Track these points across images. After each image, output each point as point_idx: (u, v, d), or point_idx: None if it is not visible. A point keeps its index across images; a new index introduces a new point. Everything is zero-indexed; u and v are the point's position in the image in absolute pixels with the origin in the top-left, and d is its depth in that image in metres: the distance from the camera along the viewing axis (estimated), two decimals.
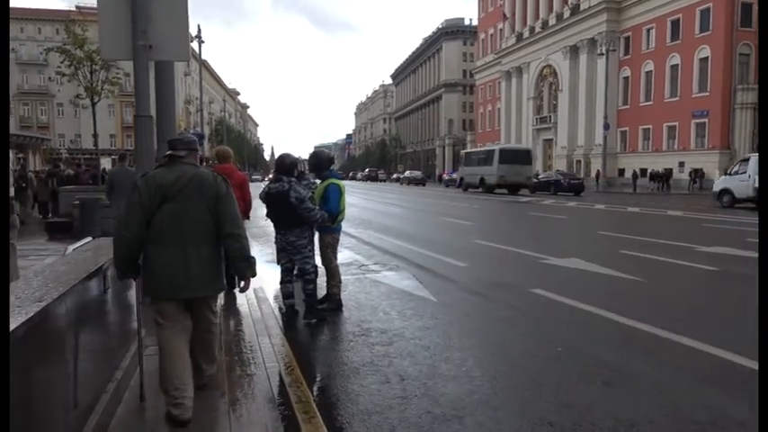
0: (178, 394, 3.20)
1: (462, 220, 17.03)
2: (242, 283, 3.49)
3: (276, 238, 5.85)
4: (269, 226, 16.15)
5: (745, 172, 20.91)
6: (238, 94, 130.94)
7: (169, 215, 3.21)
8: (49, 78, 27.27)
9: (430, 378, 4.12)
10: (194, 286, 3.28)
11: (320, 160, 6.24)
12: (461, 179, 42.09)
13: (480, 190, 36.66)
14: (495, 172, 35.22)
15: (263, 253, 10.72)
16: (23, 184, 14.90)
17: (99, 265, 3.25)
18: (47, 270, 3.04)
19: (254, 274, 3.47)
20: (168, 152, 3.43)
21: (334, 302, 6.20)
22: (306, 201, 5.49)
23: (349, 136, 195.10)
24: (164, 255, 3.20)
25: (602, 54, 42.35)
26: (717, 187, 23.09)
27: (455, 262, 9.09)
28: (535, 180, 36.45)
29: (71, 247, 4.17)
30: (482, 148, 46.78)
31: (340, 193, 6.13)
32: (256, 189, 33.90)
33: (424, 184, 58.63)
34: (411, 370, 4.30)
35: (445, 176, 54.07)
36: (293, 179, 5.60)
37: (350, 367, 4.41)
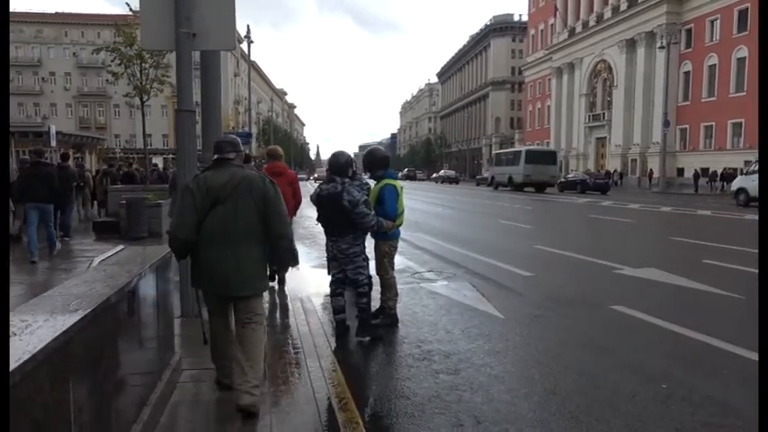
0: (221, 365, 3.64)
1: (518, 222, 16.13)
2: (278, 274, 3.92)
3: (327, 245, 5.27)
4: (316, 227, 15.64)
5: (748, 173, 23.15)
6: (285, 94, 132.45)
7: (221, 217, 3.30)
8: (107, 80, 27.79)
9: (512, 422, 3.43)
10: (242, 286, 3.39)
11: (374, 159, 5.63)
12: (492, 177, 44.59)
13: (509, 188, 39.06)
14: (521, 171, 37.58)
15: (310, 257, 10.20)
16: (81, 183, 14.96)
17: (121, 285, 2.70)
18: (58, 295, 2.51)
19: (297, 263, 4.00)
20: (216, 155, 3.49)
21: (389, 317, 5.57)
22: (359, 204, 4.89)
23: (394, 135, 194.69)
24: (214, 255, 3.30)
25: (663, 47, 40.30)
26: (734, 186, 24.34)
27: (518, 271, 8.32)
28: (563, 179, 39.03)
29: (98, 259, 3.69)
30: (510, 150, 49.52)
31: (397, 194, 5.51)
32: (302, 187, 33.55)
33: (457, 183, 62.53)
34: (486, 409, 3.61)
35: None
36: (347, 180, 5.00)
37: (413, 402, 3.76)
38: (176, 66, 5.15)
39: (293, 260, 3.70)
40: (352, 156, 5.45)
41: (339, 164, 5.06)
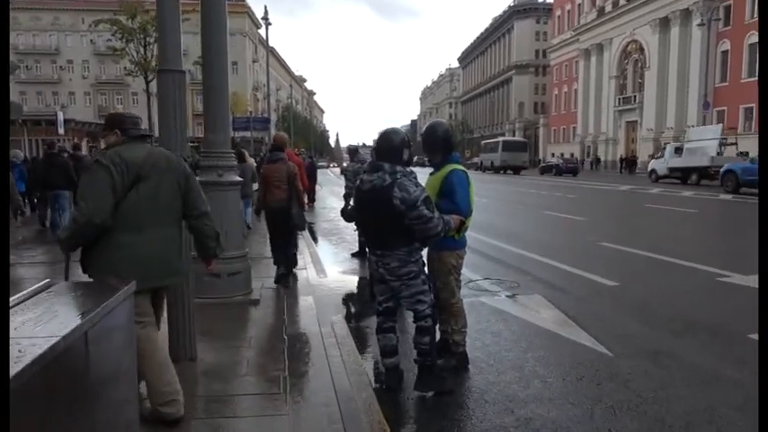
0: (171, 389, 2.97)
1: (566, 213, 14.41)
2: (210, 266, 3.37)
3: (370, 259, 3.77)
4: (341, 221, 14.20)
5: (662, 156, 30.85)
6: (305, 81, 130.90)
7: (146, 196, 2.92)
8: (124, 68, 26.47)
9: None
10: (172, 272, 3.09)
11: (436, 138, 4.07)
12: (481, 162, 54.40)
13: (491, 171, 48.94)
14: (499, 157, 48.49)
15: (337, 259, 8.72)
16: None
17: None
18: None
19: (222, 250, 3.36)
20: (128, 128, 3.01)
21: (455, 357, 4.07)
22: (419, 205, 3.35)
23: (414, 121, 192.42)
24: (140, 241, 2.90)
25: (703, 24, 37.93)
26: (648, 168, 32.81)
27: (597, 278, 6.75)
28: (543, 164, 49.58)
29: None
30: (492, 140, 57.43)
31: (468, 183, 3.99)
32: (322, 176, 32.12)
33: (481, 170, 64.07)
34: None
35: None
36: (399, 169, 3.48)
37: None
38: (157, 14, 3.68)
39: (219, 246, 3.25)
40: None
41: (392, 145, 3.50)
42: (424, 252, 3.75)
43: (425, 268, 3.71)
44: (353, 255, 8.74)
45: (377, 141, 3.59)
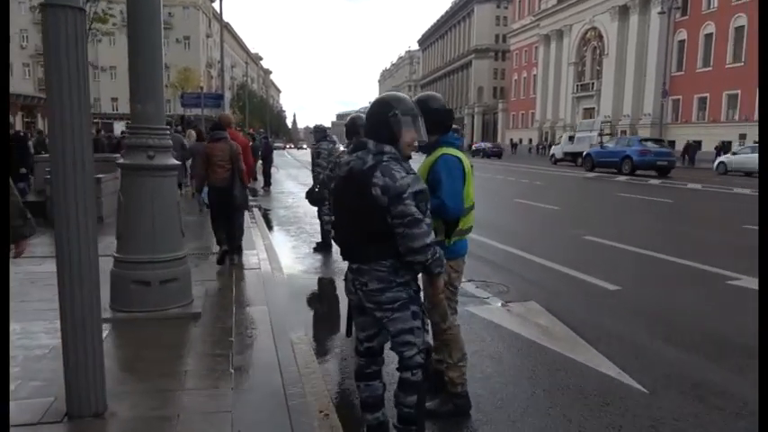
0: None
1: (539, 202, 13.70)
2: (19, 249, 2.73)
3: (346, 277, 2.65)
4: (301, 206, 12.93)
5: (560, 143, 38.40)
6: (261, 59, 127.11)
7: None
8: None
9: None
10: None
11: (429, 111, 3.03)
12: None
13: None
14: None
15: (296, 254, 7.69)
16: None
17: None
18: None
19: (34, 231, 2.78)
20: None
21: (453, 401, 3.14)
22: (406, 197, 2.31)
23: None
24: None
25: (664, 12, 37.96)
26: (550, 152, 40.60)
27: (594, 281, 5.95)
28: (474, 148, 53.84)
29: None
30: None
31: (463, 172, 3.04)
32: (279, 157, 30.66)
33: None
34: None
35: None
36: (388, 149, 2.41)
37: None
38: None
39: (27, 226, 2.69)
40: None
41: (376, 120, 2.48)
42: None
43: (421, 294, 2.64)
44: (315, 248, 7.73)
45: (367, 115, 2.57)
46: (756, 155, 26.23)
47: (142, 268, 4.34)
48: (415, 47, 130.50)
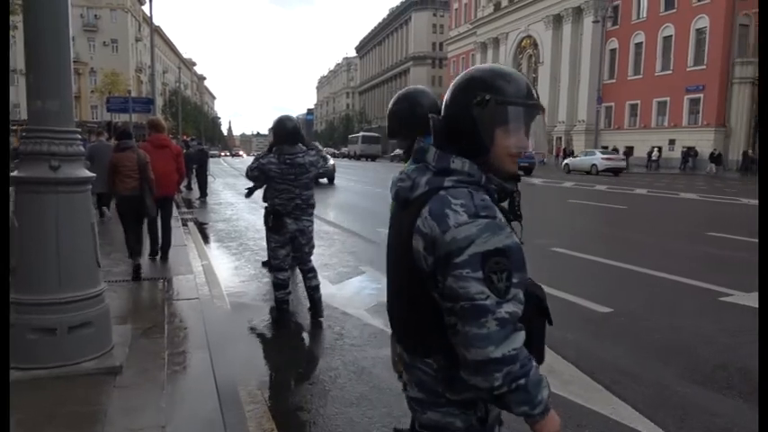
0: None
1: None
2: None
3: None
4: (241, 219, 11.82)
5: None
6: (195, 64, 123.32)
7: None
8: None
9: None
10: None
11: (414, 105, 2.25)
12: (348, 151, 66.41)
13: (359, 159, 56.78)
14: (359, 148, 60.46)
15: (239, 276, 6.73)
16: None
17: None
18: None
19: None
20: None
21: None
22: (467, 270, 1.23)
23: (311, 110, 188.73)
24: None
25: (598, 21, 39.13)
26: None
27: (581, 301, 5.33)
28: (392, 154, 53.14)
29: None
30: (356, 135, 68.12)
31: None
32: (215, 165, 29.03)
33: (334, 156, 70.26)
34: None
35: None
36: (456, 165, 1.34)
37: None
38: None
39: None
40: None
41: (455, 108, 1.39)
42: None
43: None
44: (264, 264, 6.79)
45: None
46: (588, 158, 32.92)
47: (44, 312, 3.36)
48: (353, 54, 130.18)
